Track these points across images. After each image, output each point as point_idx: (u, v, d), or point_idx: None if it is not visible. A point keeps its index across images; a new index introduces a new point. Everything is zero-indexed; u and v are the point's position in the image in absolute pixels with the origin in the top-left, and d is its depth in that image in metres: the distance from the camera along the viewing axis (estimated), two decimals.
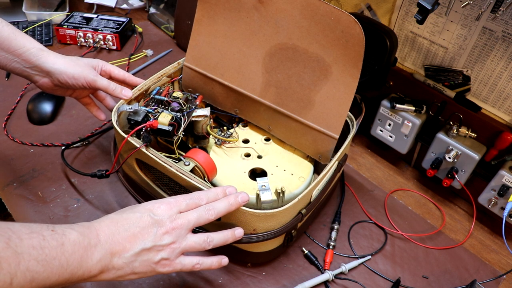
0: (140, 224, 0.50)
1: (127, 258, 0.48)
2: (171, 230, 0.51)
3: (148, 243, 0.49)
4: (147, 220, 0.50)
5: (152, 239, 0.50)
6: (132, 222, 0.50)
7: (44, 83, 0.69)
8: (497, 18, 0.70)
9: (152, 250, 0.50)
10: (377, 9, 0.88)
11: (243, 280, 0.67)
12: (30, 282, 0.40)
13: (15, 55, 0.66)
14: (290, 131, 0.74)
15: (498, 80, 0.75)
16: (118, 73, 0.75)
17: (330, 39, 0.64)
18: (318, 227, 0.77)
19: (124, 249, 0.48)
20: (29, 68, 0.67)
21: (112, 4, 1.32)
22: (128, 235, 0.49)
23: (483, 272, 0.74)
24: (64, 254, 0.43)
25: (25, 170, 0.80)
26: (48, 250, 0.41)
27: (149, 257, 0.50)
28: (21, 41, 0.66)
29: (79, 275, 0.44)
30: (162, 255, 0.50)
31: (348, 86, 0.65)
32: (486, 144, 0.78)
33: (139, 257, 0.49)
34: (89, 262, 0.45)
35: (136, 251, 0.49)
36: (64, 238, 0.43)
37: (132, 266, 0.49)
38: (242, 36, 0.72)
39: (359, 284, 0.69)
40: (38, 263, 0.40)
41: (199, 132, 0.74)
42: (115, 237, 0.48)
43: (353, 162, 0.93)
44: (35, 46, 0.67)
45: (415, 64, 0.87)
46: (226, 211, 0.55)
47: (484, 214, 0.84)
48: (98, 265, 0.46)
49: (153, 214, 0.51)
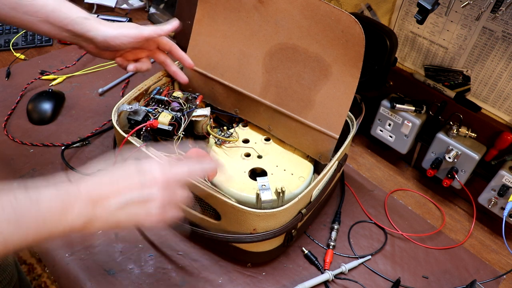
0: (125, 175, 0.47)
1: (111, 211, 0.45)
2: (161, 181, 0.48)
3: (135, 195, 0.46)
4: (132, 170, 0.47)
5: (139, 190, 0.46)
6: (118, 173, 0.47)
7: (91, 48, 0.69)
8: (497, 18, 0.70)
9: (139, 203, 0.46)
10: (377, 9, 0.88)
11: (243, 280, 0.67)
12: (4, 243, 0.39)
13: (61, 26, 0.66)
14: (290, 131, 0.74)
15: (498, 80, 0.75)
16: (166, 43, 0.74)
17: (330, 39, 0.64)
18: (318, 227, 0.77)
19: (108, 200, 0.45)
20: (75, 37, 0.67)
21: (112, 4, 1.32)
22: (112, 185, 0.46)
23: (483, 272, 0.74)
24: (39, 212, 0.41)
25: (25, 170, 0.80)
26: (20, 209, 0.40)
27: (136, 211, 0.46)
28: (66, 12, 0.66)
29: (60, 231, 0.42)
30: (151, 209, 0.47)
31: (348, 86, 0.65)
32: (486, 144, 0.78)
33: (125, 210, 0.46)
34: (69, 216, 0.43)
35: (121, 203, 0.45)
36: (38, 195, 0.42)
37: (117, 218, 0.46)
38: (242, 36, 0.72)
39: (359, 284, 0.69)
40: (10, 224, 0.39)
41: (199, 132, 0.74)
42: (97, 188, 0.45)
43: (353, 162, 0.93)
44: (79, 15, 0.66)
45: (415, 64, 0.87)
46: (212, 172, 0.56)
47: (484, 214, 0.84)
48: (81, 218, 0.43)
49: (141, 165, 0.48)
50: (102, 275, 0.66)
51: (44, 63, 1.07)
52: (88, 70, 1.07)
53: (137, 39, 0.67)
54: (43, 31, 0.66)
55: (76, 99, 0.98)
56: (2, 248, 0.39)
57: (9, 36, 1.14)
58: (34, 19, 0.65)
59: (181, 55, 0.75)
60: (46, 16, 0.65)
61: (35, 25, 0.65)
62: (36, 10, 0.64)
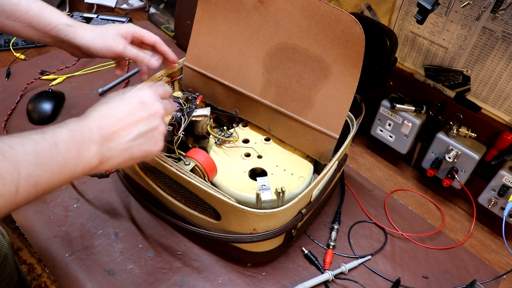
0: (130, 110, 0.50)
1: (125, 144, 0.49)
2: (160, 111, 0.53)
3: (143, 127, 0.50)
4: (136, 105, 0.51)
5: (146, 122, 0.51)
6: (122, 109, 0.50)
7: (75, 53, 0.71)
8: (497, 18, 0.70)
9: (147, 133, 0.51)
10: (377, 9, 0.88)
11: (243, 280, 0.67)
12: (35, 186, 0.40)
13: (45, 31, 0.67)
14: (290, 131, 0.74)
15: (498, 80, 0.75)
16: (149, 38, 0.74)
17: (330, 39, 0.64)
18: (318, 227, 0.77)
19: (119, 136, 0.48)
20: (59, 42, 0.69)
21: (112, 4, 1.32)
22: (122, 122, 0.49)
23: (483, 272, 0.74)
24: (59, 153, 0.43)
25: None
26: (43, 152, 0.41)
27: (145, 141, 0.51)
28: (48, 18, 0.67)
29: (80, 170, 0.45)
30: (157, 136, 0.52)
31: (348, 86, 0.65)
32: (486, 144, 0.78)
33: (136, 142, 0.50)
34: (86, 155, 0.45)
35: (132, 136, 0.49)
36: (55, 137, 0.43)
37: (131, 151, 0.49)
38: (242, 36, 0.72)
39: (359, 284, 0.69)
40: (37, 167, 0.40)
41: (199, 132, 0.74)
42: (109, 127, 0.48)
43: (353, 162, 0.93)
44: (62, 21, 0.67)
45: (415, 64, 0.88)
46: None
47: (484, 214, 0.84)
48: (97, 157, 0.46)
49: (140, 99, 0.52)
50: (102, 275, 0.66)
51: (44, 63, 1.07)
52: (88, 70, 1.07)
53: (118, 56, 0.70)
54: (26, 35, 0.67)
55: (76, 99, 0.98)
56: (34, 192, 0.40)
57: (9, 36, 1.14)
58: (17, 24, 0.65)
59: (165, 50, 0.75)
60: (29, 21, 0.66)
61: (18, 30, 0.66)
62: (19, 15, 0.65)
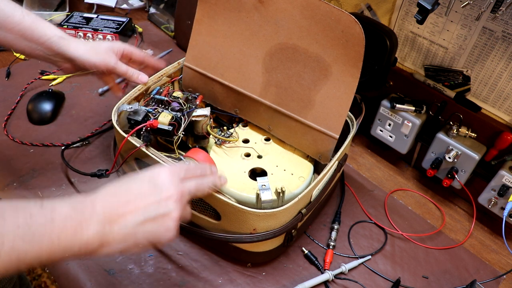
0: (141, 192, 0.47)
1: (129, 229, 0.44)
2: (175, 196, 0.48)
3: (152, 212, 0.46)
4: (148, 187, 0.47)
5: (156, 207, 0.46)
6: (133, 191, 0.47)
7: (67, 68, 0.71)
8: (497, 18, 0.70)
9: (157, 219, 0.46)
10: (377, 9, 0.88)
11: (243, 280, 0.67)
12: (17, 261, 0.38)
13: (37, 44, 0.67)
14: (290, 131, 0.74)
15: (498, 80, 0.75)
16: (138, 55, 0.77)
17: (330, 39, 0.64)
18: (318, 227, 0.77)
19: (125, 219, 0.44)
20: (51, 55, 0.69)
21: (112, 4, 1.32)
22: (129, 204, 0.45)
23: (483, 272, 0.74)
24: (53, 231, 0.40)
25: (25, 170, 0.80)
26: (35, 228, 0.39)
27: (154, 227, 0.46)
28: (41, 30, 0.67)
29: (75, 250, 0.42)
30: (168, 224, 0.47)
31: (348, 86, 0.65)
32: (486, 144, 0.78)
33: (143, 227, 0.45)
34: (84, 235, 0.42)
35: (138, 221, 0.45)
36: (54, 213, 0.41)
37: (136, 237, 0.45)
38: (242, 36, 0.72)
39: (359, 284, 0.69)
40: (24, 242, 0.38)
41: (199, 132, 0.74)
42: (114, 207, 0.44)
43: (353, 162, 0.93)
44: (55, 34, 0.68)
45: (415, 64, 0.87)
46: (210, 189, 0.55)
47: (484, 214, 0.84)
48: (96, 238, 0.42)
49: (154, 181, 0.48)
50: (102, 275, 0.66)
51: (44, 63, 1.06)
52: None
53: (110, 71, 0.71)
54: (17, 47, 0.67)
55: (76, 99, 0.98)
56: (15, 265, 0.38)
57: None
58: (9, 36, 0.65)
59: (155, 63, 0.78)
60: (22, 32, 0.66)
61: (10, 41, 0.66)
62: (12, 27, 0.65)
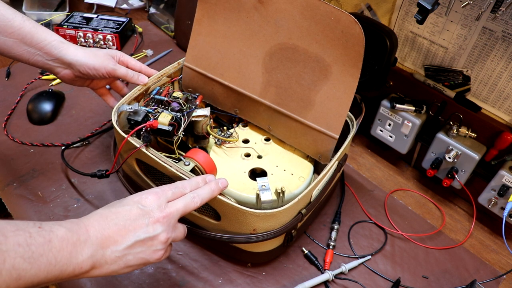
0: (130, 217, 0.50)
1: (120, 252, 0.48)
2: (162, 219, 0.51)
3: (141, 234, 0.49)
4: (136, 212, 0.50)
5: (144, 230, 0.49)
6: (122, 216, 0.49)
7: (66, 74, 0.72)
8: (497, 18, 0.70)
9: (146, 241, 0.49)
10: (377, 9, 0.88)
11: (243, 280, 0.67)
12: (17, 280, 0.39)
13: (37, 48, 0.68)
14: (290, 131, 0.74)
15: (498, 80, 0.75)
16: (134, 64, 0.78)
17: (330, 39, 0.64)
18: (318, 227, 0.77)
19: (115, 242, 0.48)
20: (51, 61, 0.70)
21: (112, 4, 1.32)
22: (119, 228, 0.48)
23: (483, 272, 0.74)
24: (51, 251, 0.42)
25: (25, 170, 0.80)
26: (35, 247, 0.41)
27: (143, 249, 0.49)
28: (42, 35, 0.68)
29: (69, 272, 0.44)
30: (156, 246, 0.50)
31: (348, 86, 0.65)
32: (486, 144, 0.78)
33: (133, 250, 0.49)
34: (79, 258, 0.44)
35: (128, 243, 0.48)
36: (51, 234, 0.43)
37: (126, 259, 0.48)
38: (242, 36, 0.72)
39: (359, 284, 0.69)
40: (25, 261, 0.40)
41: (199, 132, 0.74)
42: (105, 231, 0.47)
43: (353, 162, 0.93)
44: (55, 39, 0.69)
45: (415, 64, 0.87)
46: (209, 198, 0.57)
47: (484, 214, 0.84)
48: (89, 261, 0.45)
49: (142, 206, 0.51)
50: None
51: None
52: None
53: (110, 74, 0.72)
54: (15, 52, 0.67)
55: (76, 99, 0.98)
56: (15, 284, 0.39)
57: None
58: (9, 40, 0.66)
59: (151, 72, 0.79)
60: (22, 37, 0.66)
61: (9, 46, 0.66)
62: (12, 31, 0.66)
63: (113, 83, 0.81)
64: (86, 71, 0.70)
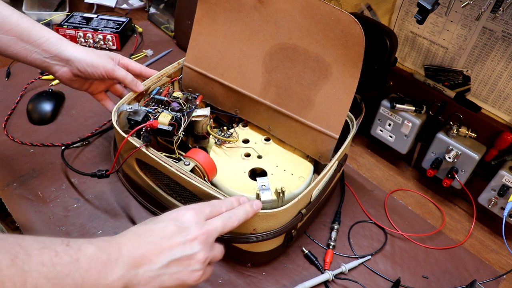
0: (166, 234, 0.46)
1: (154, 272, 0.44)
2: (200, 237, 0.47)
3: (177, 253, 0.46)
4: (173, 229, 0.47)
5: (181, 248, 0.46)
6: (157, 233, 0.46)
7: (64, 73, 0.70)
8: (497, 18, 0.70)
9: (182, 260, 0.46)
10: (377, 9, 0.88)
11: (243, 280, 0.67)
12: None
13: (35, 45, 0.66)
14: (290, 131, 0.74)
15: (498, 80, 0.75)
16: (135, 67, 0.77)
17: (330, 39, 0.64)
18: (318, 227, 0.77)
19: (150, 261, 0.44)
20: (49, 58, 0.68)
21: (112, 4, 1.32)
22: (154, 246, 0.45)
23: (483, 272, 0.74)
24: (78, 271, 0.39)
25: (25, 170, 0.80)
26: (60, 266, 0.38)
27: (179, 269, 0.46)
28: (40, 32, 0.67)
29: None
30: (194, 266, 0.47)
31: (348, 86, 0.65)
32: (486, 144, 0.78)
33: (168, 270, 0.45)
34: (108, 278, 0.41)
35: (164, 263, 0.45)
36: (79, 253, 0.40)
37: (160, 280, 0.45)
38: (242, 36, 0.72)
39: (359, 284, 0.69)
40: (48, 281, 0.37)
41: (199, 132, 0.74)
42: (138, 250, 0.44)
43: (353, 162, 0.93)
44: (54, 35, 0.68)
45: (415, 64, 0.87)
46: (244, 219, 0.54)
47: (484, 214, 0.84)
48: (120, 281, 0.42)
49: (179, 222, 0.48)
50: None
51: None
52: None
53: (108, 74, 0.71)
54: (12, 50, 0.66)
55: (76, 99, 0.98)
56: None
57: None
58: (6, 38, 0.65)
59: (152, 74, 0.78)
60: (20, 34, 0.65)
61: (6, 44, 0.65)
62: (10, 28, 0.65)
63: (113, 87, 0.79)
64: (84, 68, 0.69)
